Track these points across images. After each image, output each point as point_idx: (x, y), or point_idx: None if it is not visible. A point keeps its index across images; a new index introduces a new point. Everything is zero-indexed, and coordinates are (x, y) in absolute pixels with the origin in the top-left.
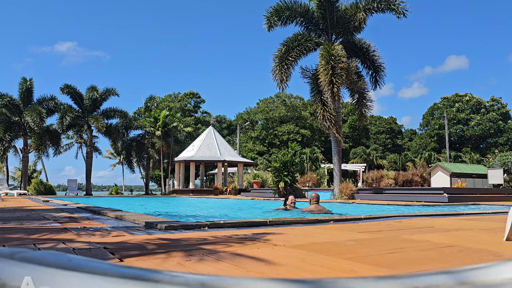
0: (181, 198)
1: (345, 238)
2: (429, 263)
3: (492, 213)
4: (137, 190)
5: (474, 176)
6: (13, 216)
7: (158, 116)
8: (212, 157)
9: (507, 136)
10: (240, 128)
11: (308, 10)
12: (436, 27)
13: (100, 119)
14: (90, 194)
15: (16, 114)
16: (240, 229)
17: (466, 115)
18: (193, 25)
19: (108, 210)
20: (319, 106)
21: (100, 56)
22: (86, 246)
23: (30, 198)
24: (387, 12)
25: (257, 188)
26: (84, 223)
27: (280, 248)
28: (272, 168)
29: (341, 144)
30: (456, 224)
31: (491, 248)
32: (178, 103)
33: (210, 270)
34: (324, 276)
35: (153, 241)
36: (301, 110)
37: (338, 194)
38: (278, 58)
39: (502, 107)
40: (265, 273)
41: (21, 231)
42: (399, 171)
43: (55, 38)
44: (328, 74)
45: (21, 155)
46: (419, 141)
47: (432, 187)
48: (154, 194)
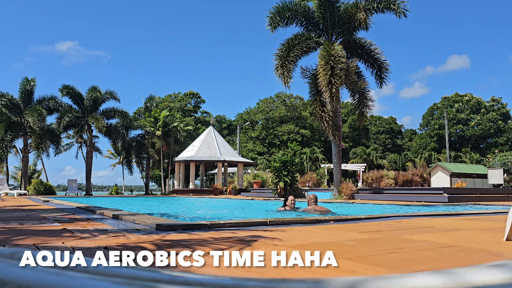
0: (181, 198)
1: (345, 238)
2: (429, 263)
3: (492, 213)
4: (137, 190)
5: (474, 176)
6: (13, 216)
7: (158, 116)
8: (212, 157)
9: (507, 136)
10: (240, 128)
11: (308, 10)
12: (437, 26)
13: (100, 119)
14: (90, 194)
15: (16, 114)
16: (240, 229)
17: (466, 115)
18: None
19: (108, 210)
20: (318, 107)
21: (101, 55)
22: (86, 246)
23: (30, 198)
24: (387, 12)
25: (257, 188)
26: (84, 223)
27: (280, 248)
28: (272, 168)
29: (341, 144)
30: (456, 224)
31: (491, 248)
32: (178, 103)
33: (210, 270)
34: (324, 276)
35: (153, 241)
36: (301, 110)
37: (338, 194)
38: (279, 57)
39: (502, 107)
40: (265, 273)
41: (21, 232)
42: (399, 171)
43: (55, 38)
44: (327, 75)
45: (21, 155)
46: (419, 141)
47: (432, 187)
48: (154, 194)
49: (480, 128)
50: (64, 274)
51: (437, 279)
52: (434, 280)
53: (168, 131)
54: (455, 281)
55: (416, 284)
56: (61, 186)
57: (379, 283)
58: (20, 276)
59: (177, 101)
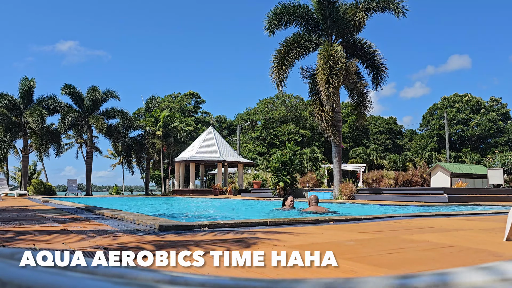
0: (181, 199)
1: (345, 238)
2: (429, 263)
3: (492, 213)
4: (137, 191)
5: (474, 176)
6: (13, 217)
7: (159, 117)
8: (212, 157)
9: (507, 136)
10: (240, 128)
11: (307, 11)
12: (439, 26)
13: (100, 119)
14: (90, 195)
15: (16, 114)
16: (240, 229)
17: (466, 116)
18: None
19: (108, 211)
20: (317, 107)
21: (102, 55)
22: (86, 246)
23: (30, 198)
24: (386, 12)
25: (257, 188)
26: (84, 223)
27: (280, 249)
28: (271, 168)
29: (341, 144)
30: (456, 224)
31: (491, 248)
32: (178, 103)
33: (210, 270)
34: (324, 276)
35: (153, 241)
36: (301, 110)
37: (338, 194)
38: (277, 58)
39: (502, 107)
40: (265, 273)
41: (21, 232)
42: (399, 171)
43: (56, 37)
44: (326, 74)
45: (21, 155)
46: (419, 141)
47: (432, 187)
48: (154, 195)
49: (480, 128)
50: (64, 274)
51: (437, 279)
52: (433, 280)
53: (168, 131)
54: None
55: (416, 284)
56: (61, 186)
57: (379, 283)
58: (20, 276)
59: (177, 101)
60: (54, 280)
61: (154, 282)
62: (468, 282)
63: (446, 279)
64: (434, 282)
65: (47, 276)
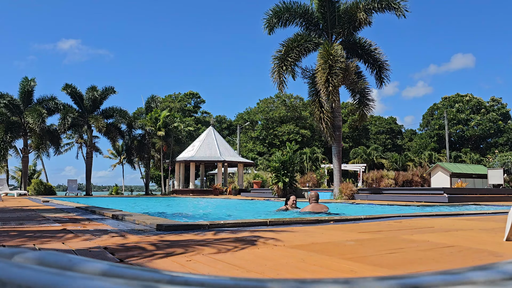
0: (181, 199)
1: (345, 238)
2: (429, 263)
3: (492, 213)
4: (137, 190)
5: (474, 176)
6: (13, 217)
7: (159, 116)
8: (212, 157)
9: (507, 136)
10: (240, 128)
11: (307, 11)
12: (442, 24)
13: (100, 119)
14: (90, 194)
15: (16, 114)
16: (240, 229)
17: (466, 115)
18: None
19: (108, 211)
20: (316, 108)
21: (104, 54)
22: (86, 246)
23: (30, 198)
24: (387, 12)
25: (257, 188)
26: (84, 223)
27: (280, 249)
28: (271, 168)
29: (341, 144)
30: (456, 224)
31: (491, 248)
32: (178, 103)
33: (210, 270)
34: (324, 276)
35: (153, 241)
36: (301, 110)
37: (338, 194)
38: (277, 59)
39: (502, 107)
40: (265, 273)
41: (21, 232)
42: (399, 171)
43: (58, 36)
44: (325, 73)
45: (21, 155)
46: (419, 141)
47: (432, 187)
48: (154, 195)
49: (480, 128)
50: (64, 274)
51: (437, 279)
52: (433, 280)
53: (169, 131)
54: (455, 281)
55: (416, 284)
56: (61, 186)
57: (379, 283)
58: (20, 276)
59: (177, 101)
60: (54, 280)
61: (154, 282)
62: (468, 282)
63: (446, 279)
64: (434, 282)
65: (47, 276)
